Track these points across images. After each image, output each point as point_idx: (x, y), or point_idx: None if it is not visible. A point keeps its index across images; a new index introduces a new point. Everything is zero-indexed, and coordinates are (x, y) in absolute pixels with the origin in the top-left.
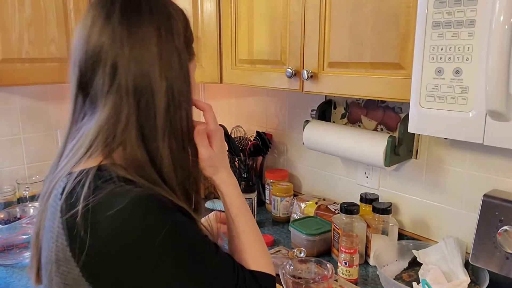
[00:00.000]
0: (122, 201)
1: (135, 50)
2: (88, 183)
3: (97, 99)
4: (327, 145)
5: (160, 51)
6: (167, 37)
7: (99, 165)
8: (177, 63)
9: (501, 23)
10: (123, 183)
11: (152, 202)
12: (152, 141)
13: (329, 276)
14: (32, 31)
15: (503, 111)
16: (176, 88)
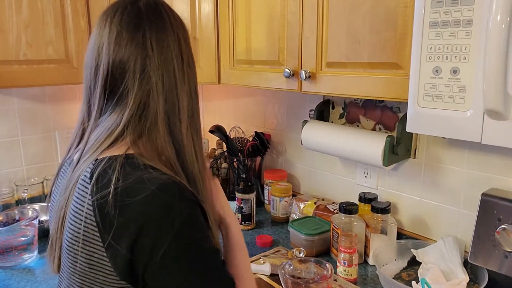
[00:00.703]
0: (150, 187)
1: (162, 55)
2: (118, 168)
3: (125, 98)
4: (326, 145)
5: (181, 54)
6: (185, 42)
7: (125, 154)
8: (192, 65)
9: (498, 23)
10: (151, 170)
11: (176, 190)
12: (178, 135)
13: (328, 276)
14: (29, 32)
15: (500, 110)
16: (193, 86)
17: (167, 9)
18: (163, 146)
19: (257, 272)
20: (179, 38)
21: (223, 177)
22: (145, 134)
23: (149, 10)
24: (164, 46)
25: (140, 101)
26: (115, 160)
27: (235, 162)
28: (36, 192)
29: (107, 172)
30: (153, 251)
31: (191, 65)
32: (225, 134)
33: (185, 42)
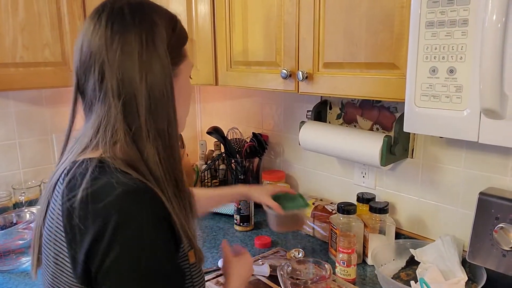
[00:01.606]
0: (114, 192)
1: (119, 57)
2: (89, 172)
3: (91, 103)
4: (323, 146)
5: (141, 57)
6: (148, 43)
7: (100, 157)
8: (159, 68)
9: (494, 22)
10: (120, 175)
11: (140, 197)
12: (139, 141)
13: (327, 276)
14: (26, 35)
15: (497, 109)
16: (157, 91)
17: (133, 8)
18: (128, 153)
19: (256, 274)
20: (141, 39)
21: (221, 178)
22: (113, 142)
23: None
24: (123, 49)
25: (102, 107)
26: (88, 163)
27: (233, 164)
28: (33, 195)
29: (79, 175)
30: (104, 257)
31: (154, 69)
32: (222, 136)
33: (150, 44)
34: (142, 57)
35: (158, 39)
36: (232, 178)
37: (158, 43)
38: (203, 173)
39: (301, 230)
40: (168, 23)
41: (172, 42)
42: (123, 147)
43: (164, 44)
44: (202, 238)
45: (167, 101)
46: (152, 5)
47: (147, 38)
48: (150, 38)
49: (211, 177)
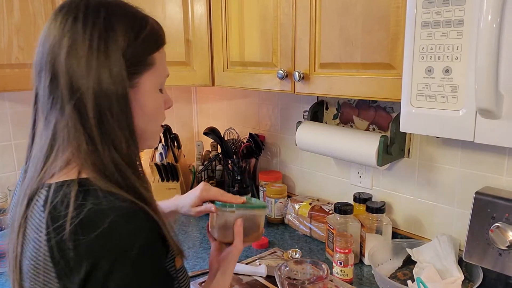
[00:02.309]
0: (106, 220)
1: (66, 59)
2: (72, 199)
3: (45, 107)
4: (320, 146)
5: (89, 61)
6: (99, 48)
7: (78, 179)
8: (107, 76)
9: (489, 22)
10: (105, 197)
11: (134, 220)
12: (99, 153)
13: (324, 277)
14: (21, 36)
15: (493, 109)
16: (105, 100)
17: (91, 9)
18: (98, 164)
19: (253, 274)
20: (91, 43)
21: (217, 179)
22: (75, 149)
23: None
24: (71, 51)
25: (57, 114)
26: (69, 187)
27: (230, 164)
28: None
29: (60, 203)
30: (104, 285)
31: (102, 76)
32: (219, 136)
33: (101, 49)
34: (91, 62)
35: (111, 45)
36: (229, 178)
37: (111, 49)
38: (200, 173)
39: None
40: (129, 28)
41: (133, 49)
42: (92, 160)
43: (119, 50)
44: (199, 239)
45: (118, 112)
46: (115, 7)
47: (99, 42)
48: (102, 43)
49: (208, 178)
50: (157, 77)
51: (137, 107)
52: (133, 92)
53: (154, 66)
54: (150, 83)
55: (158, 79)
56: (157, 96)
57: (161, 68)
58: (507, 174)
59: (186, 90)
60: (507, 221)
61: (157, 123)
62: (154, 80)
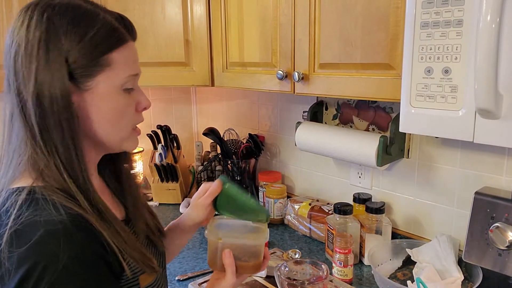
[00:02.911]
0: (37, 233)
1: (15, 63)
2: (17, 206)
3: (7, 108)
4: (320, 146)
5: (30, 66)
6: (39, 53)
7: (30, 186)
8: (48, 78)
9: (488, 22)
10: (49, 208)
11: (66, 236)
12: (47, 159)
13: (324, 277)
14: None
15: (492, 109)
16: (46, 103)
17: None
18: (45, 170)
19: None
20: (37, 43)
21: None
22: (26, 153)
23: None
24: (19, 50)
25: (13, 113)
26: (19, 194)
27: (229, 165)
28: None
29: (6, 210)
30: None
31: (44, 81)
32: (219, 137)
33: (41, 48)
34: (31, 64)
35: (53, 47)
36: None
37: (52, 53)
38: (199, 174)
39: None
40: (75, 29)
41: (78, 51)
42: (42, 167)
43: (61, 53)
44: (198, 240)
45: (62, 119)
46: (63, 7)
47: (39, 45)
48: (43, 47)
49: (208, 178)
50: (116, 78)
51: (93, 111)
52: (84, 95)
53: (109, 66)
54: (106, 85)
55: (117, 80)
56: (117, 97)
57: (122, 67)
58: (507, 174)
59: (186, 91)
60: (506, 221)
61: (121, 127)
62: (112, 82)
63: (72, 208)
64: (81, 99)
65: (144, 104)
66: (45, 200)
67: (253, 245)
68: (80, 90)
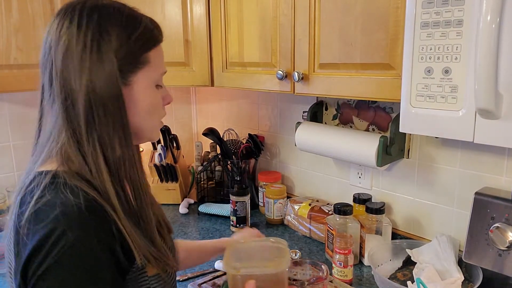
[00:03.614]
0: (53, 213)
1: (63, 59)
2: (40, 188)
3: (46, 104)
4: (320, 147)
5: (82, 61)
6: (92, 48)
7: (55, 171)
8: (101, 75)
9: (488, 23)
10: (68, 192)
11: (79, 219)
12: (82, 150)
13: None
14: (20, 37)
15: (492, 109)
16: (98, 97)
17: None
18: (76, 160)
19: None
20: (85, 44)
21: (217, 179)
22: (61, 148)
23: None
24: (67, 52)
25: (52, 111)
26: (43, 177)
27: (229, 165)
28: None
29: (30, 191)
30: (33, 278)
31: (94, 76)
32: (218, 137)
33: (93, 50)
34: (84, 62)
35: (105, 46)
36: (228, 179)
37: (104, 50)
38: (199, 174)
39: None
40: (122, 29)
41: (125, 49)
42: (72, 156)
43: (111, 51)
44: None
45: (112, 109)
46: (109, 9)
47: (92, 43)
48: (95, 44)
49: (207, 179)
50: (152, 75)
51: (131, 105)
52: (127, 90)
53: (148, 64)
54: (145, 80)
55: (153, 76)
56: (153, 92)
57: (157, 65)
58: (507, 174)
59: (186, 91)
60: (506, 221)
61: (154, 118)
62: (149, 78)
63: (89, 194)
64: (126, 93)
65: (169, 99)
66: (65, 184)
67: (275, 273)
68: (125, 85)
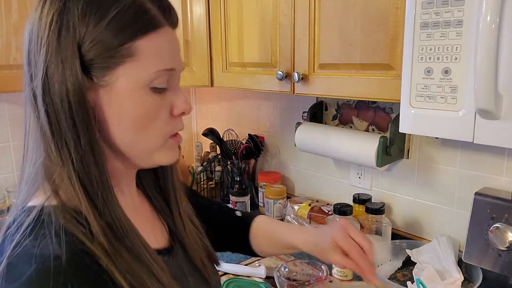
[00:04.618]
0: (27, 271)
1: (28, 54)
2: (21, 230)
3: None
4: (319, 147)
5: (39, 55)
6: (49, 38)
7: (42, 206)
8: (58, 73)
9: (488, 23)
10: (53, 236)
11: (57, 279)
12: (60, 169)
13: (324, 278)
14: (19, 37)
15: (492, 109)
16: (58, 102)
17: None
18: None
19: (252, 275)
20: (43, 29)
21: (217, 180)
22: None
23: None
24: (32, 37)
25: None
26: (27, 215)
27: (229, 165)
28: None
29: (9, 235)
30: None
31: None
32: (218, 137)
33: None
34: (40, 56)
35: (64, 33)
36: (228, 180)
37: (63, 38)
38: (199, 174)
39: None
40: (91, 9)
41: (94, 36)
42: (56, 179)
43: (74, 39)
44: None
45: (75, 119)
46: None
47: (50, 30)
48: (55, 31)
49: (207, 179)
50: (141, 73)
51: (112, 113)
52: (103, 93)
53: (133, 57)
54: (128, 80)
55: (142, 74)
56: (144, 98)
57: (150, 60)
58: (507, 174)
59: (185, 91)
60: (506, 221)
61: (150, 134)
62: (136, 77)
63: (78, 238)
64: (97, 97)
65: (182, 108)
66: (49, 225)
67: None
68: (96, 86)
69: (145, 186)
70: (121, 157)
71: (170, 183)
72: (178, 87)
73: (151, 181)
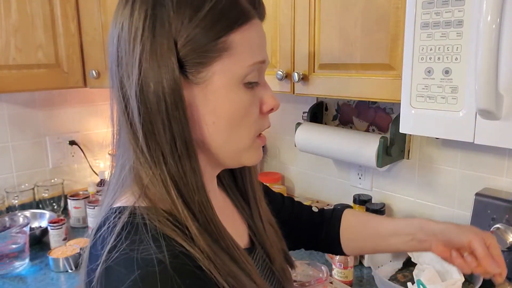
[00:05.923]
0: (130, 277)
1: (118, 50)
2: (114, 234)
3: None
4: (320, 147)
5: (132, 53)
6: (143, 34)
7: (132, 207)
8: (154, 71)
9: (489, 23)
10: (150, 240)
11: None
12: (151, 171)
13: (324, 279)
14: (19, 37)
15: (493, 109)
16: (152, 100)
17: None
18: (149, 186)
19: None
20: (144, 26)
21: None
22: (135, 165)
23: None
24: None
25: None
26: (118, 217)
27: None
28: (26, 198)
29: (101, 237)
30: None
31: (152, 68)
32: None
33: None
34: (133, 53)
35: (159, 28)
36: None
37: (158, 34)
38: None
39: None
40: (185, 3)
41: (190, 31)
42: (145, 179)
43: (169, 35)
44: None
45: (169, 117)
46: None
47: (144, 26)
48: (149, 26)
49: None
50: (237, 67)
51: (206, 112)
52: (198, 91)
53: (229, 51)
54: (225, 76)
55: (238, 69)
56: (239, 95)
57: (245, 53)
58: (507, 175)
59: None
60: (507, 222)
61: (241, 133)
62: (231, 72)
63: (177, 242)
64: (192, 95)
65: (271, 104)
66: (145, 228)
67: None
68: (191, 84)
69: (225, 185)
70: (209, 157)
71: (248, 183)
72: (266, 82)
73: (231, 180)
